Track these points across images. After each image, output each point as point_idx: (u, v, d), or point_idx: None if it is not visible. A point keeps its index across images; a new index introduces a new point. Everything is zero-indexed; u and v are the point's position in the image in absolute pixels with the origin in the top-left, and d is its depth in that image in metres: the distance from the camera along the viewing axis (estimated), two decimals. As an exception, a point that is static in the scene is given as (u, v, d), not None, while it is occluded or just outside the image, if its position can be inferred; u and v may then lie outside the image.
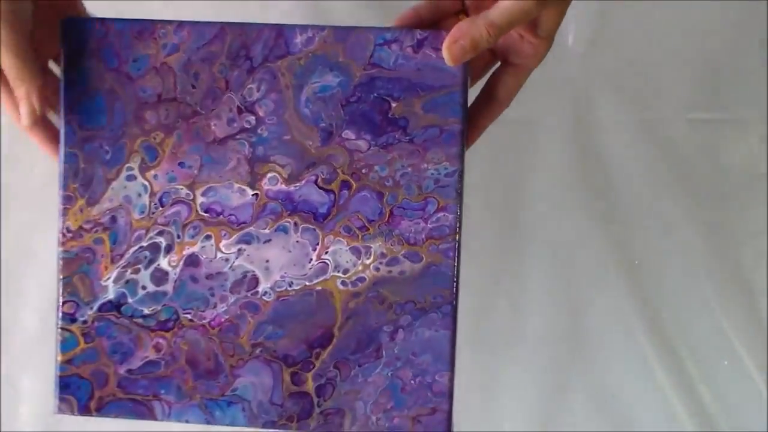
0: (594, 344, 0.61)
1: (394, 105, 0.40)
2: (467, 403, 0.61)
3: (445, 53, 0.38)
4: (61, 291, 0.43)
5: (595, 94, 0.61)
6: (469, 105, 0.42)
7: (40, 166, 0.64)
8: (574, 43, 0.61)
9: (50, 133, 0.44)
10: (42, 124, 0.43)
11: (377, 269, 0.41)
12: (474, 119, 0.43)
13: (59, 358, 0.43)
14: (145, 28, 0.41)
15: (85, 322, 0.43)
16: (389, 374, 0.42)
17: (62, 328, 0.43)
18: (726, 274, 0.61)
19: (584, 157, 0.61)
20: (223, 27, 0.41)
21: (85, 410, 0.43)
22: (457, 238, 0.41)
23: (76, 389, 0.43)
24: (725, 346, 0.60)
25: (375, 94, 0.41)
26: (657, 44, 0.61)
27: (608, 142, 0.61)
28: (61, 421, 0.63)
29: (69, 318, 0.43)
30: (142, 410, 0.43)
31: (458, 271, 0.41)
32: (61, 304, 0.43)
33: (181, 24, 0.41)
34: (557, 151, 0.61)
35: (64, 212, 0.42)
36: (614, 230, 0.61)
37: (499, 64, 0.43)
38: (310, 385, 0.42)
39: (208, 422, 0.42)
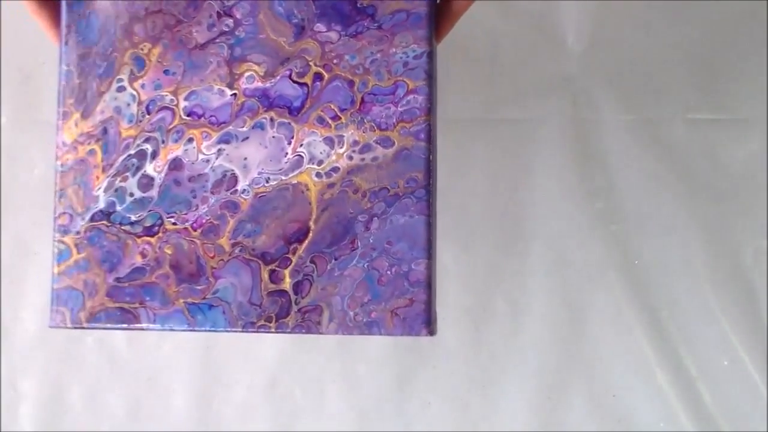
0: (594, 344, 0.61)
1: None
2: (467, 403, 0.61)
3: None
4: (56, 203, 0.44)
5: (595, 94, 0.61)
6: None
7: (40, 166, 0.64)
8: (573, 42, 0.61)
9: (55, 17, 0.45)
10: (49, 5, 0.44)
11: (350, 158, 0.41)
12: (446, 10, 0.43)
13: (55, 270, 0.44)
14: None
15: (78, 232, 0.43)
16: (365, 266, 0.41)
17: (58, 241, 0.43)
18: (726, 274, 0.61)
19: (584, 157, 0.61)
20: None
21: (76, 321, 0.43)
22: (428, 119, 0.41)
23: (69, 300, 0.43)
24: (725, 346, 0.60)
25: None
26: (657, 44, 0.61)
27: (608, 142, 0.61)
28: (61, 421, 0.63)
29: (63, 229, 0.43)
30: (129, 318, 0.43)
31: (433, 156, 0.41)
32: (57, 216, 0.43)
33: None
34: (557, 151, 0.61)
35: (61, 127, 0.44)
36: (614, 230, 0.61)
37: None
38: (287, 282, 0.42)
39: (190, 327, 0.43)
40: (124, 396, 0.62)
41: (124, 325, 0.43)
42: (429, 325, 0.41)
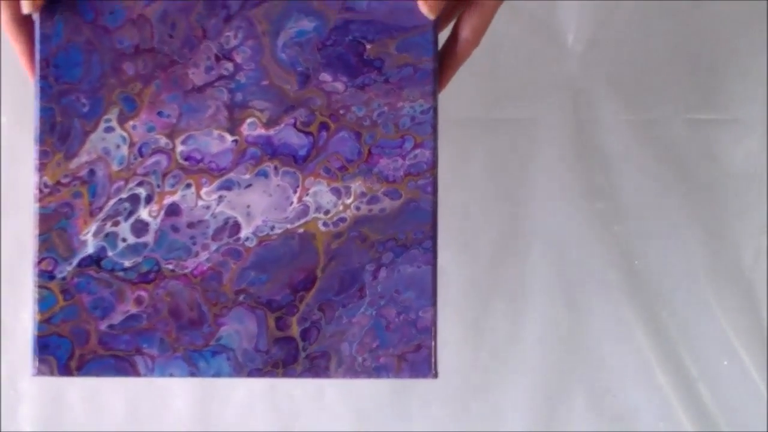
0: (594, 344, 0.61)
1: (368, 47, 0.41)
2: (467, 402, 0.61)
3: (423, 9, 0.40)
4: (37, 248, 0.41)
5: (595, 94, 0.61)
6: (441, 47, 0.43)
7: (39, 167, 0.64)
8: (574, 42, 0.61)
9: (30, 44, 0.42)
10: (27, 29, 0.42)
11: (358, 208, 0.41)
12: (445, 61, 0.44)
13: (37, 317, 0.41)
14: None
15: (63, 278, 0.42)
16: (373, 313, 0.41)
17: (40, 286, 0.41)
18: (726, 274, 0.61)
19: (584, 157, 0.61)
20: None
21: (65, 370, 0.41)
22: (434, 173, 0.41)
23: (56, 349, 0.41)
24: (725, 346, 0.60)
25: (350, 37, 0.41)
26: (657, 44, 0.61)
27: (608, 142, 0.61)
28: (61, 421, 0.63)
29: (47, 275, 0.41)
30: (124, 366, 0.41)
31: (436, 206, 0.42)
32: (37, 261, 0.41)
33: None
34: (557, 151, 0.61)
35: (41, 167, 0.41)
36: (614, 230, 0.61)
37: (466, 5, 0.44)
38: (294, 330, 0.42)
39: (192, 374, 0.41)
40: (124, 396, 0.62)
41: (120, 374, 0.41)
42: (433, 367, 0.42)
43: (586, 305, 0.61)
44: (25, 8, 0.40)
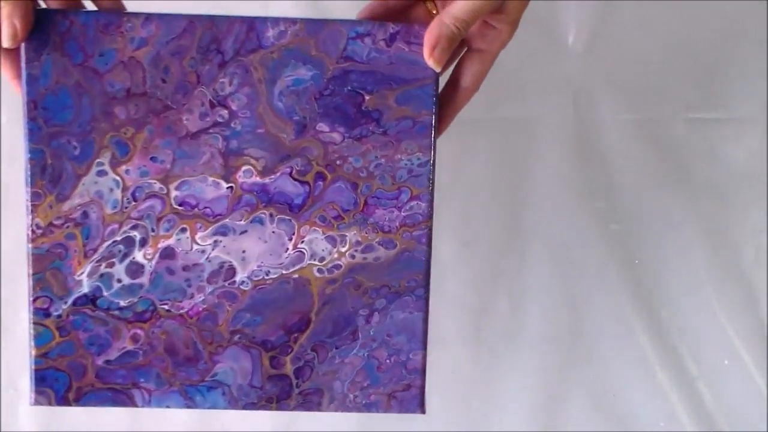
0: (594, 344, 0.61)
1: (367, 98, 0.41)
2: (467, 402, 0.61)
3: (430, 62, 0.40)
4: (32, 287, 0.42)
5: (594, 93, 0.61)
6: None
7: (40, 166, 0.64)
8: (574, 42, 0.61)
9: (16, 69, 0.42)
10: (16, 56, 0.41)
11: (353, 256, 0.42)
12: (444, 107, 0.43)
13: (33, 352, 0.43)
14: (110, 21, 0.40)
15: (59, 316, 0.42)
16: (365, 355, 0.43)
17: (35, 323, 0.42)
18: (726, 274, 0.61)
19: (584, 157, 0.61)
20: (192, 20, 0.41)
21: (63, 401, 0.43)
22: (429, 224, 0.42)
23: (54, 381, 0.43)
24: (725, 346, 0.60)
25: (348, 88, 0.41)
26: (657, 44, 0.61)
27: (608, 142, 0.61)
28: (61, 421, 0.63)
29: (42, 313, 0.42)
30: (121, 398, 0.43)
31: (430, 256, 0.42)
32: (32, 299, 0.42)
33: (149, 17, 0.41)
34: (557, 151, 0.61)
35: (33, 209, 0.42)
36: (614, 230, 0.61)
37: (465, 50, 0.44)
38: (288, 368, 0.43)
39: (188, 406, 0.43)
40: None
41: (118, 406, 0.43)
42: (422, 405, 0.44)
43: (586, 304, 0.61)
44: (5, 42, 0.39)
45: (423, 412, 0.44)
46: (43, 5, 0.44)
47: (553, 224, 0.61)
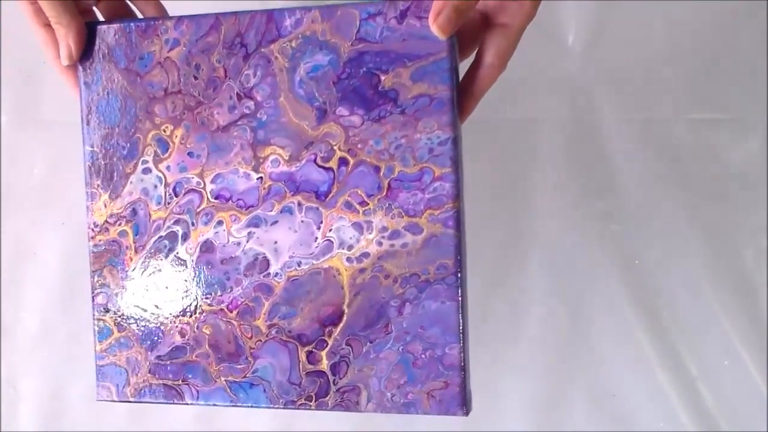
0: (594, 344, 0.61)
1: (383, 78, 0.41)
2: (467, 403, 0.61)
3: (433, 29, 0.39)
4: (93, 283, 0.45)
5: (595, 93, 0.61)
6: (464, 73, 0.42)
7: (40, 166, 0.64)
8: (574, 42, 0.61)
9: (75, 76, 0.45)
10: (75, 68, 0.45)
11: (380, 243, 0.42)
12: (470, 86, 0.42)
13: (97, 348, 0.45)
14: (148, 26, 0.43)
15: (117, 311, 0.45)
16: (400, 349, 0.42)
17: (97, 319, 0.45)
18: (726, 274, 0.61)
19: (584, 157, 0.61)
20: (218, 17, 0.42)
21: (122, 396, 0.45)
22: (456, 206, 0.41)
23: (114, 376, 0.45)
24: (725, 346, 0.60)
25: (364, 69, 0.41)
26: (657, 44, 0.61)
27: (608, 142, 0.61)
28: (61, 421, 0.63)
29: (102, 308, 0.45)
30: (173, 394, 0.44)
31: (462, 241, 0.41)
32: (95, 295, 0.45)
33: (179, 19, 0.43)
34: (557, 151, 0.61)
35: (90, 208, 0.45)
36: (614, 230, 0.61)
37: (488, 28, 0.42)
38: (324, 364, 0.43)
39: (233, 403, 0.44)
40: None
41: (170, 401, 0.44)
42: (464, 405, 0.41)
43: (586, 305, 0.61)
44: (64, 62, 0.43)
45: (465, 413, 0.42)
46: (98, 15, 0.47)
47: (553, 225, 0.61)
